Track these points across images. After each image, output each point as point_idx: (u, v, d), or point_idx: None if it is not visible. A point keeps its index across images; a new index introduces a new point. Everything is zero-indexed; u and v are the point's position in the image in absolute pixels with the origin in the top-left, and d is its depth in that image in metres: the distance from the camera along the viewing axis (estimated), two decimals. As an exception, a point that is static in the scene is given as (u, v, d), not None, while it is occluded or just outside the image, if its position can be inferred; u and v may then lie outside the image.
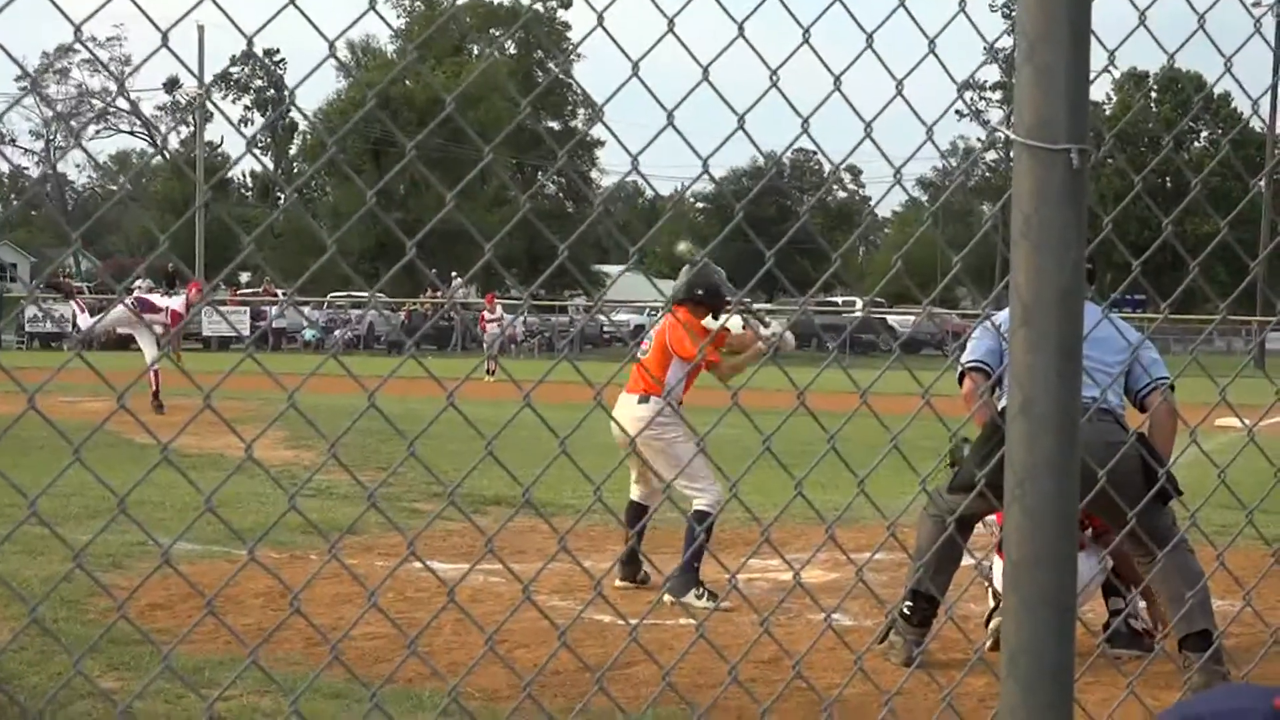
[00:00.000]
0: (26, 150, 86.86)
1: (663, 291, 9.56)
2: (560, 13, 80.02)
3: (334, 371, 2.66)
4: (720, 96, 2.89)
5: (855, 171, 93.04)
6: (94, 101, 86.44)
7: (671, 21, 2.71)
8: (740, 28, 2.81)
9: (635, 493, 8.98)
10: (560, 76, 69.82)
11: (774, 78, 2.92)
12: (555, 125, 76.51)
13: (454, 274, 48.99)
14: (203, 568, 8.56)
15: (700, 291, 9.11)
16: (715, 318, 9.23)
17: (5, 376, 2.26)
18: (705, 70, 2.80)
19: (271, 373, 2.53)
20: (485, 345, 36.71)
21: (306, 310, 50.37)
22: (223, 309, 48.38)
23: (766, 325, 9.97)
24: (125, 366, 18.08)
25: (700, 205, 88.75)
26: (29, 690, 5.75)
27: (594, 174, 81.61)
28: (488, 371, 32.23)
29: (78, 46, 79.66)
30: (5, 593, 6.72)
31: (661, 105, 2.72)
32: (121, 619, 2.44)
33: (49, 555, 8.48)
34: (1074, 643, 2.54)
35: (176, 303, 20.29)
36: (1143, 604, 7.31)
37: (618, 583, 8.80)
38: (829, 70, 2.86)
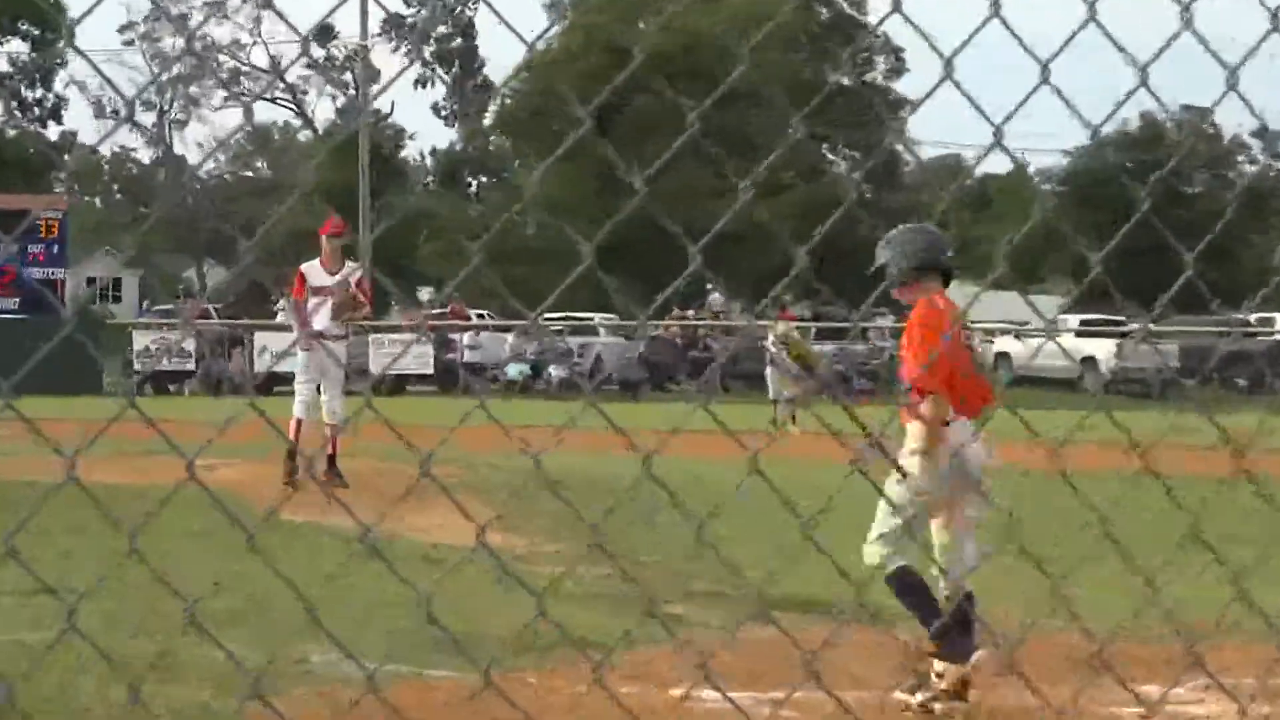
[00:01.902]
0: (136, 125, 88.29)
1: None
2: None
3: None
4: (1112, 41, 2.86)
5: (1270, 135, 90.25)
6: (220, 59, 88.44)
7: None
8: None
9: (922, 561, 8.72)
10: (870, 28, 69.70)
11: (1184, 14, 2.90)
12: (846, 80, 76.33)
13: (709, 286, 49.18)
14: (399, 692, 7.98)
15: (946, 255, 9.08)
16: (946, 285, 8.98)
17: (150, 433, 2.33)
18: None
19: (506, 427, 2.58)
20: (774, 382, 32.23)
21: (509, 339, 49.63)
22: (394, 335, 48.65)
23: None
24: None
25: (1047, 187, 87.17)
26: None
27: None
28: (788, 420, 30.10)
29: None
30: None
31: (1035, 57, 2.69)
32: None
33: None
34: None
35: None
36: None
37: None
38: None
